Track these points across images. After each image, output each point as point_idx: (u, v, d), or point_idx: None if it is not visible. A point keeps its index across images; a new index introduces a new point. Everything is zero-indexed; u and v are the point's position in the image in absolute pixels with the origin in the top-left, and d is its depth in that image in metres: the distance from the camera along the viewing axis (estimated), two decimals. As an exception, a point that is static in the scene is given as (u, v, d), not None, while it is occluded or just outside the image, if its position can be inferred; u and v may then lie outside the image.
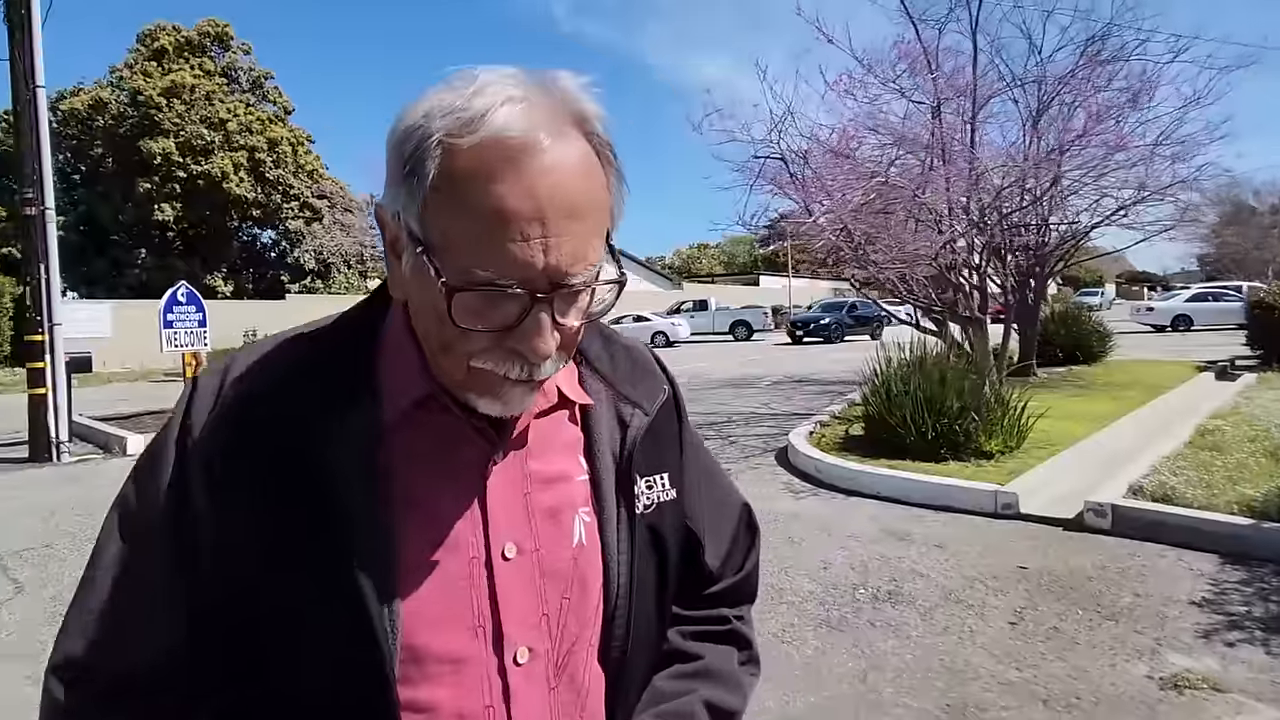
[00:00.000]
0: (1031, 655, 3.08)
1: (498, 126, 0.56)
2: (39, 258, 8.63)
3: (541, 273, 0.57)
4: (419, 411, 0.67)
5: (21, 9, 8.40)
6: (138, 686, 0.65)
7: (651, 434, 0.77)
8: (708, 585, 0.85)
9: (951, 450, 6.00)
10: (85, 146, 25.81)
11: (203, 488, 0.64)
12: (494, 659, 0.67)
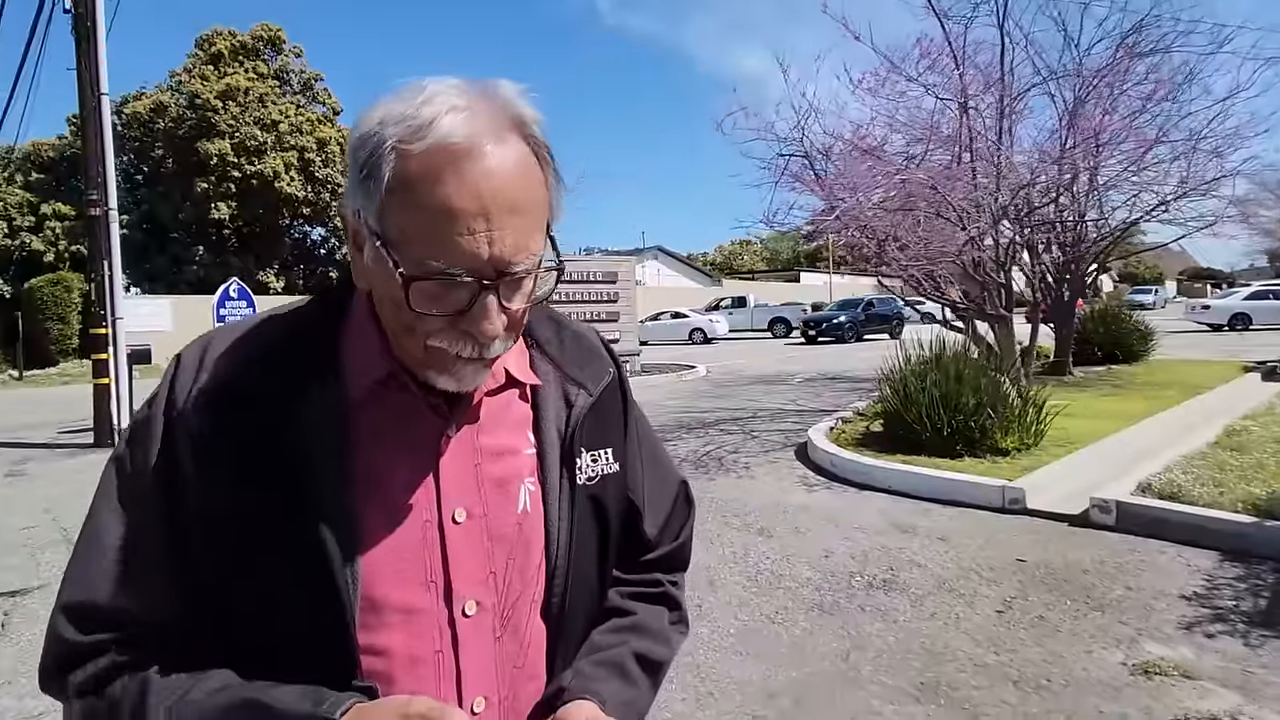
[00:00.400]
0: (1012, 641, 3.19)
1: (443, 133, 0.62)
2: (103, 255, 9.20)
3: (487, 262, 0.64)
4: (380, 389, 0.73)
5: (87, 21, 8.96)
6: (136, 635, 0.70)
7: (596, 412, 0.83)
8: (645, 552, 0.91)
9: (967, 447, 6.05)
10: (147, 148, 27.02)
11: (189, 455, 0.69)
12: (444, 610, 0.73)
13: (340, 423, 0.71)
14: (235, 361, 0.72)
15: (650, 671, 0.86)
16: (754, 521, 5.01)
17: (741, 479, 6.21)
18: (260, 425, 0.69)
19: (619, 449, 0.86)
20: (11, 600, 4.07)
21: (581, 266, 15.06)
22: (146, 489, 0.71)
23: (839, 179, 7.48)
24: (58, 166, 26.34)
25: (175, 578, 0.70)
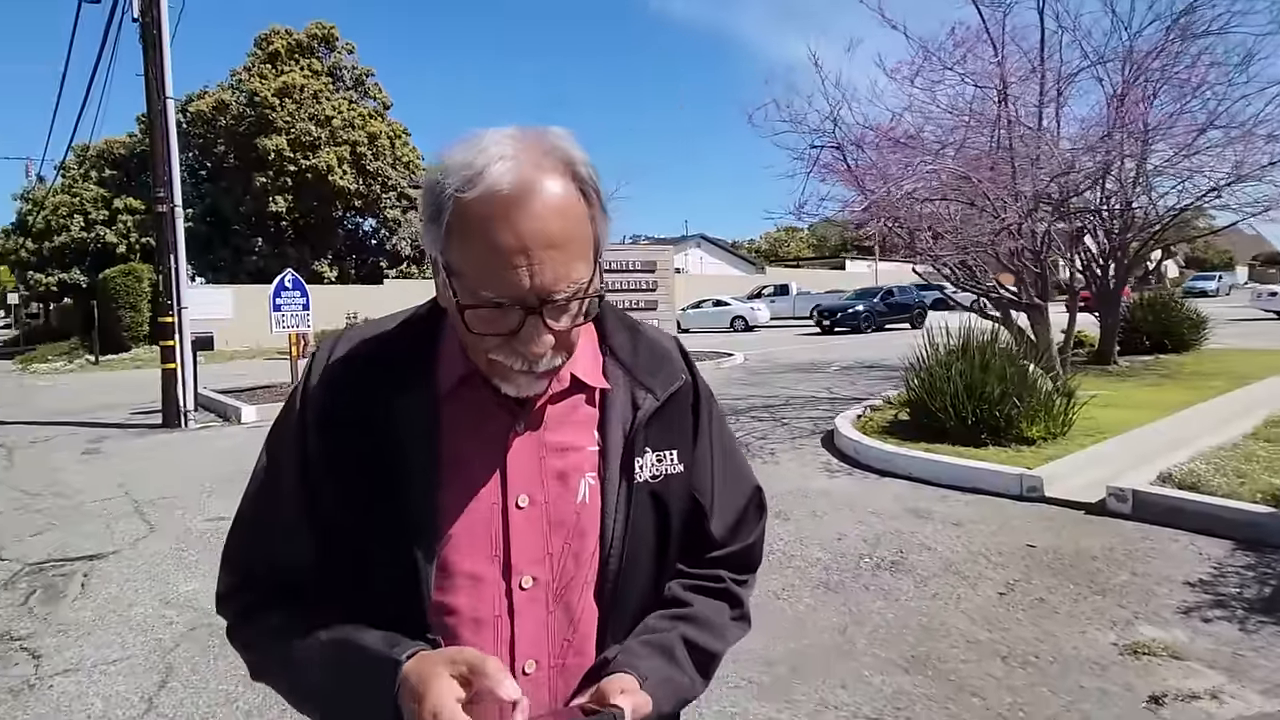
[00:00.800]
0: (1007, 620, 3.31)
1: (491, 181, 0.71)
2: (169, 249, 9.79)
3: (530, 291, 0.72)
4: (461, 388, 0.83)
5: (154, 30, 9.50)
6: (278, 577, 0.86)
7: (663, 415, 0.89)
8: (711, 549, 0.96)
9: (992, 435, 6.09)
10: (210, 145, 28.18)
11: (316, 433, 0.82)
12: (503, 582, 0.82)
13: (430, 412, 0.82)
14: (354, 355, 0.85)
15: (699, 658, 0.90)
16: (773, 505, 5.11)
17: (766, 464, 6.37)
18: (366, 410, 0.81)
19: (685, 451, 0.91)
20: (90, 563, 4.50)
21: (620, 256, 15.21)
22: (289, 453, 0.85)
23: (870, 169, 7.51)
24: (128, 163, 27.68)
25: (304, 530, 0.83)
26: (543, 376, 0.79)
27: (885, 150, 7.63)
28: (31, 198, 28.65)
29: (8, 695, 2.99)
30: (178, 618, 3.66)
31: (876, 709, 2.67)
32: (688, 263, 45.37)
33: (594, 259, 0.78)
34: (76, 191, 26.87)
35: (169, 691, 2.97)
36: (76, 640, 3.47)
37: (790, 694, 2.79)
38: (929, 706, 2.66)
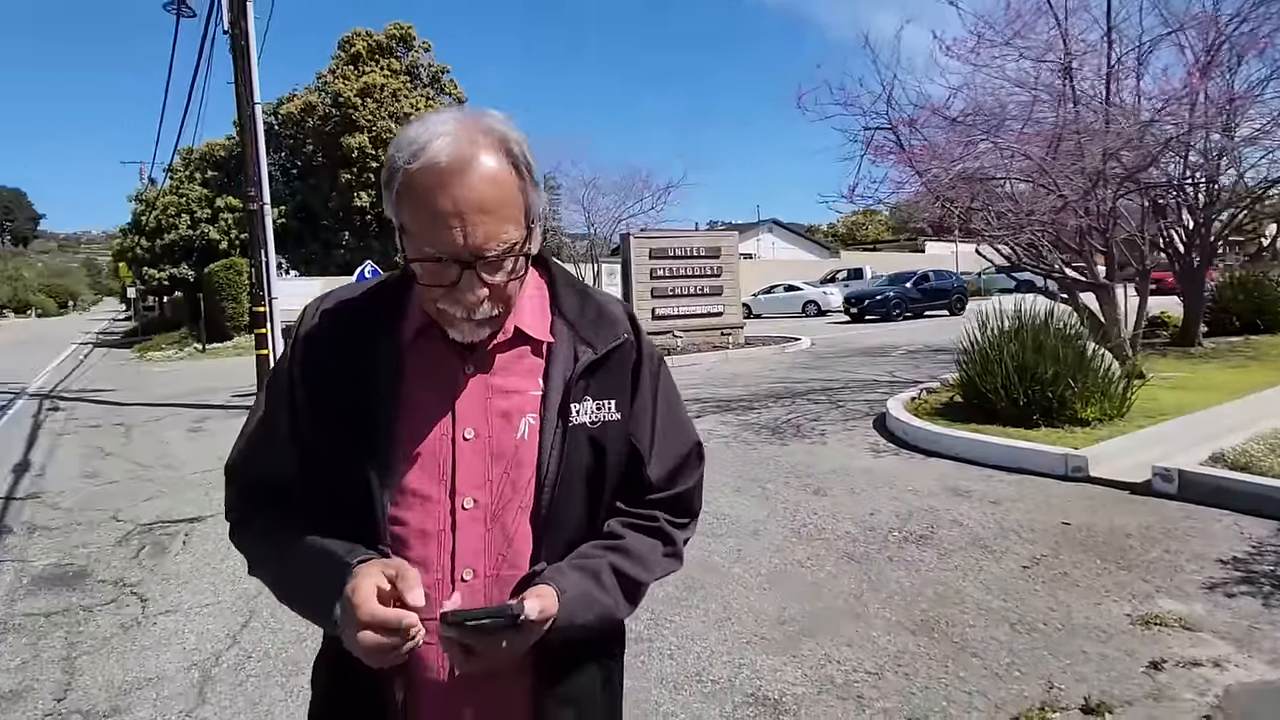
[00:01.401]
0: (1024, 591, 3.38)
1: (431, 155, 0.83)
2: (260, 244, 10.55)
3: (464, 249, 0.84)
4: (420, 338, 0.96)
5: (242, 41, 10.24)
6: (265, 487, 1.01)
7: (602, 369, 0.99)
8: (650, 493, 1.05)
9: (1044, 416, 6.01)
10: (299, 145, 29.77)
11: (300, 368, 0.98)
12: (448, 501, 0.94)
13: (394, 358, 0.95)
14: (333, 311, 1.00)
15: (625, 585, 0.99)
16: (812, 483, 5.30)
17: (814, 445, 6.47)
18: (341, 354, 0.96)
19: (624, 402, 1.01)
20: (191, 525, 5.07)
21: (684, 243, 15.40)
22: (279, 389, 1.01)
23: (924, 150, 7.42)
24: (227, 164, 29.53)
25: (289, 453, 0.98)
26: (482, 324, 0.91)
27: (941, 129, 7.52)
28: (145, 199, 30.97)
29: (119, 629, 3.49)
30: (261, 571, 4.13)
31: (877, 664, 2.82)
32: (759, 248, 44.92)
33: (525, 223, 0.89)
34: (183, 192, 28.89)
35: (250, 630, 3.40)
36: (177, 588, 3.97)
37: (798, 649, 2.97)
38: (928, 664, 2.80)
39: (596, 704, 1.04)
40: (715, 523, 4.50)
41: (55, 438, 8.68)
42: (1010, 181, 7.50)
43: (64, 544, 4.76)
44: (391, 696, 0.94)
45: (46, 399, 12.59)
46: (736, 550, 4.05)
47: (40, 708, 2.81)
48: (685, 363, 13.27)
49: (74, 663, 3.16)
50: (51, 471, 6.89)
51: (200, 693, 2.87)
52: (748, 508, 4.80)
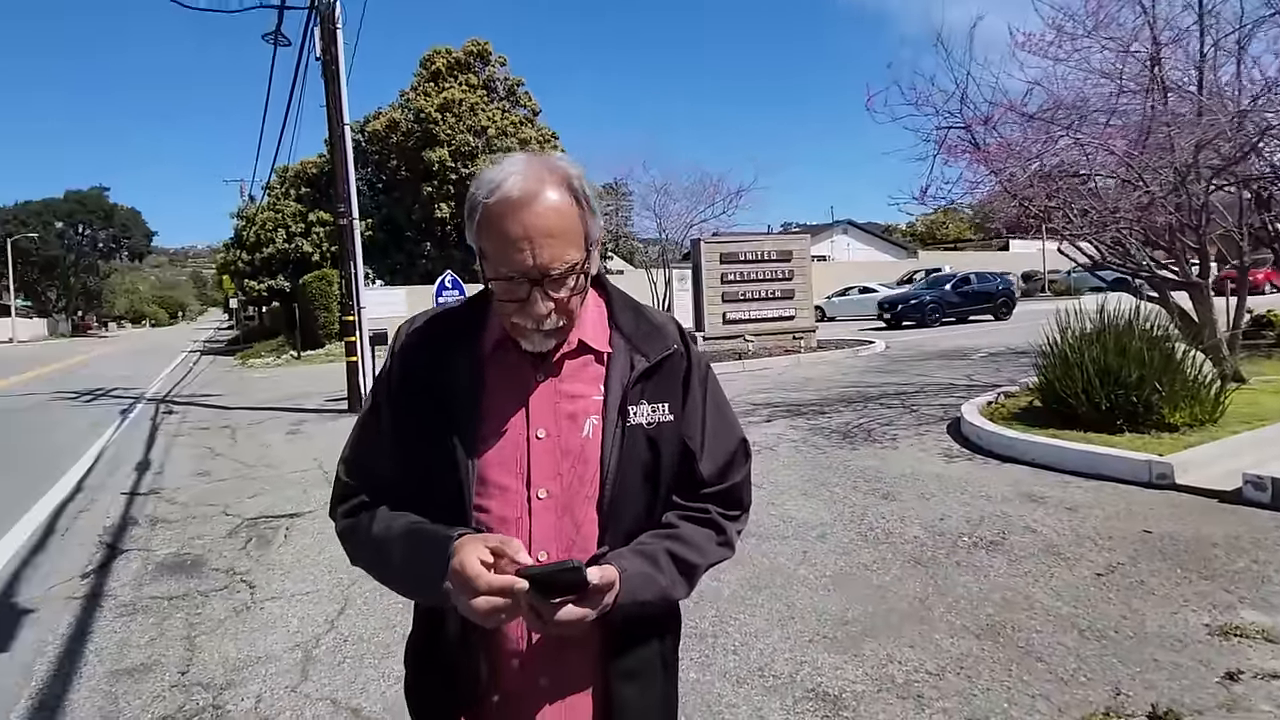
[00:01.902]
0: (1096, 599, 3.33)
1: (505, 190, 0.99)
2: (349, 257, 11.18)
3: (533, 268, 0.99)
4: (498, 350, 1.10)
5: (332, 66, 10.89)
6: (371, 482, 1.15)
7: (655, 375, 1.12)
8: (702, 487, 1.16)
9: (1129, 421, 5.79)
10: (384, 160, 31.21)
11: (397, 380, 1.13)
12: (525, 492, 1.08)
13: (475, 369, 1.10)
14: (423, 329, 1.16)
15: (680, 567, 1.11)
16: (881, 487, 5.29)
17: (884, 449, 6.43)
18: (430, 366, 1.11)
19: (676, 404, 1.14)
20: (291, 520, 5.48)
21: (755, 247, 15.39)
22: (381, 396, 1.16)
23: (1000, 149, 7.24)
24: (319, 181, 31.21)
25: (390, 452, 1.13)
26: (549, 335, 1.05)
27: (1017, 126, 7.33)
28: (245, 215, 33.09)
29: (232, 613, 3.85)
30: (354, 563, 4.45)
31: (939, 666, 2.86)
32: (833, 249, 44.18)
33: (585, 246, 1.04)
34: (279, 208, 30.73)
35: (345, 616, 3.70)
36: (280, 576, 4.33)
37: (859, 649, 3.03)
38: (991, 667, 2.81)
39: (656, 680, 1.17)
40: (782, 525, 4.57)
41: (171, 439, 9.45)
42: (1093, 178, 7.23)
43: (181, 535, 5.24)
44: (476, 667, 1.10)
45: (162, 403, 13.66)
46: (802, 552, 4.12)
47: (167, 679, 3.16)
48: (756, 367, 13.27)
49: (194, 641, 3.52)
50: (169, 470, 7.53)
51: (303, 671, 3.16)
52: (815, 511, 4.84)
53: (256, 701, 2.93)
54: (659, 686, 1.18)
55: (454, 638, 1.10)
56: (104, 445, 9.11)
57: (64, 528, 5.56)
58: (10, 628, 3.75)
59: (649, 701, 1.16)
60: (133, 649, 3.45)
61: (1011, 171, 7.17)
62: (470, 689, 1.10)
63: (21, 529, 5.52)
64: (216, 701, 2.95)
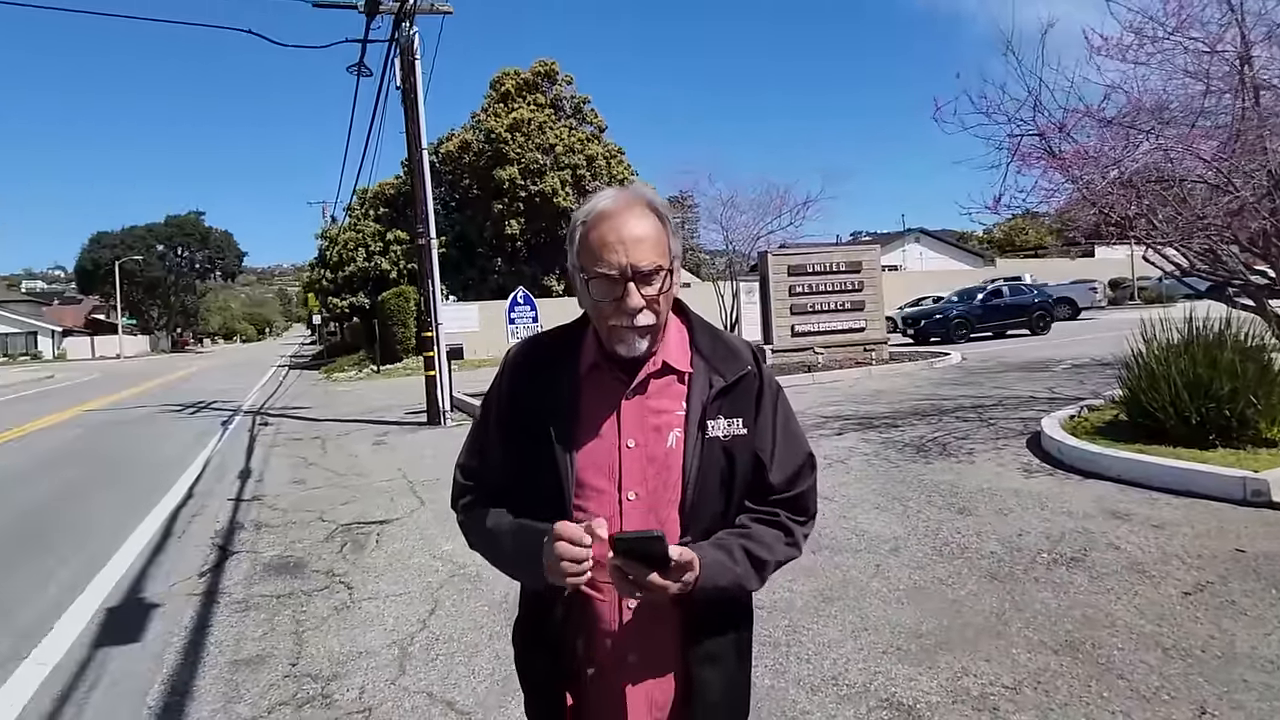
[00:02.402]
0: (1183, 618, 3.26)
1: (600, 208, 1.20)
2: (427, 275, 11.70)
3: (625, 264, 1.16)
4: (593, 371, 1.27)
5: (411, 95, 11.46)
6: (485, 482, 1.35)
7: (730, 394, 1.27)
8: (772, 494, 1.31)
9: (1222, 436, 5.57)
10: (457, 179, 32.32)
11: (506, 396, 1.32)
12: (617, 494, 1.23)
13: (573, 386, 1.27)
14: (528, 353, 1.35)
15: (753, 561, 1.25)
16: (957, 501, 5.24)
17: (960, 463, 6.35)
18: (534, 383, 1.29)
19: (749, 419, 1.28)
20: (380, 526, 5.81)
21: (823, 258, 15.28)
22: (490, 409, 1.36)
23: (1077, 155, 7.06)
24: (396, 201, 32.58)
25: (500, 458, 1.32)
26: (644, 335, 1.20)
27: (1094, 131, 7.13)
28: (328, 235, 34.77)
29: (333, 611, 4.14)
30: (442, 568, 4.71)
31: (1015, 680, 2.87)
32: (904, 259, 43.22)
33: (668, 256, 1.22)
34: (359, 228, 32.18)
35: (436, 616, 3.94)
36: (375, 579, 4.62)
37: (934, 661, 3.07)
38: (1069, 682, 2.81)
39: (731, 665, 1.33)
40: (854, 538, 4.61)
41: (268, 449, 10.07)
42: (1178, 183, 6.97)
43: (283, 539, 5.63)
44: (574, 644, 1.27)
45: (257, 415, 14.51)
46: (875, 565, 4.15)
47: (280, 670, 3.45)
48: (826, 379, 13.16)
49: (301, 636, 3.82)
50: (268, 478, 8.05)
51: (400, 666, 3.40)
52: (888, 524, 4.85)
53: (360, 693, 3.18)
54: (734, 672, 1.33)
55: (557, 618, 1.27)
56: (209, 455, 9.79)
57: (180, 531, 6.04)
58: (141, 620, 4.15)
59: (725, 684, 1.31)
60: (248, 642, 3.77)
61: (1090, 178, 6.98)
62: (569, 662, 1.28)
63: (143, 531, 6.04)
64: (325, 691, 3.21)
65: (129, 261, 65.94)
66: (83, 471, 9.08)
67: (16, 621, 4.22)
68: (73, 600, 4.50)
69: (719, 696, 1.30)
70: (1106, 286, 33.95)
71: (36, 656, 3.72)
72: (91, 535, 6.01)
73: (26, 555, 5.59)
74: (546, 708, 1.33)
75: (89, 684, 3.40)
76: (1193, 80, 7.42)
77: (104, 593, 4.63)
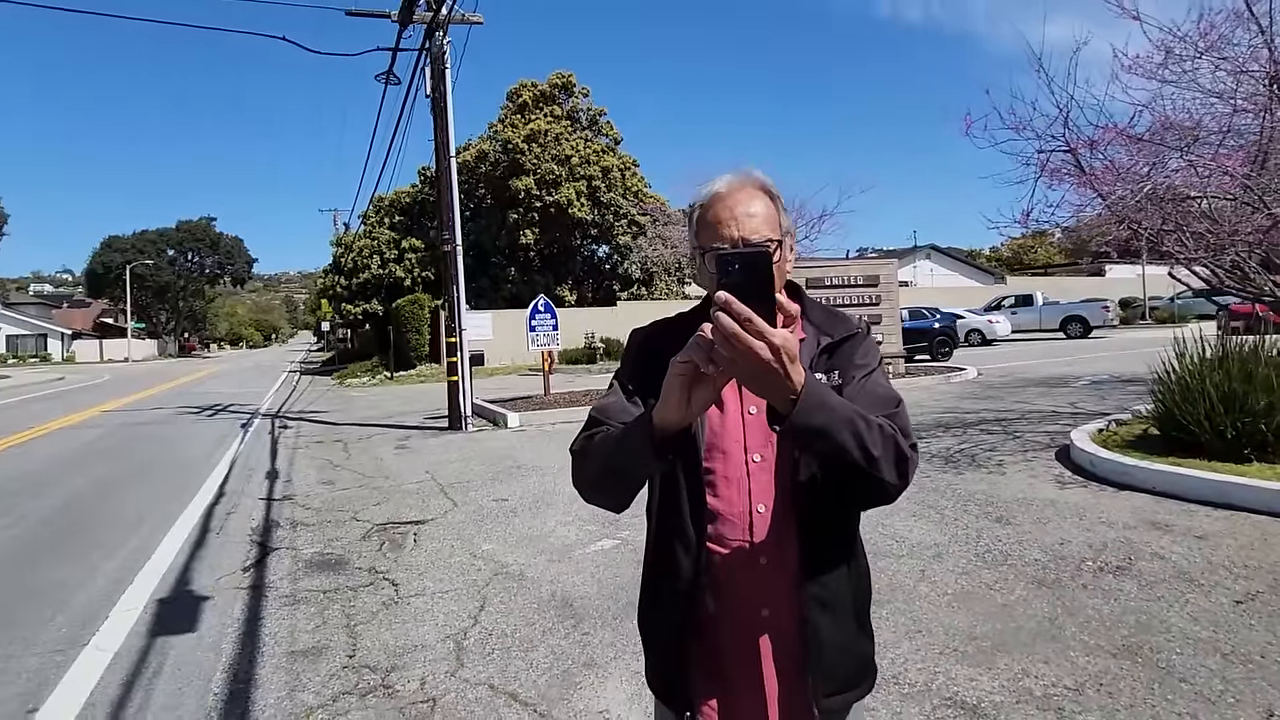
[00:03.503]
0: (1238, 625, 3.28)
1: (713, 190, 1.28)
2: (452, 281, 11.79)
3: (739, 239, 1.23)
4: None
5: (441, 103, 11.61)
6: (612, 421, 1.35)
7: (836, 350, 1.33)
8: None
9: (1258, 451, 5.59)
10: (473, 189, 32.53)
11: (634, 369, 1.38)
12: (743, 456, 1.30)
13: None
14: (652, 335, 1.42)
15: (852, 429, 1.12)
16: (994, 510, 5.27)
17: (991, 474, 6.37)
18: (662, 355, 1.26)
19: (846, 373, 1.32)
20: (416, 526, 5.86)
21: (840, 272, 15.36)
22: (621, 378, 1.42)
23: (1107, 171, 7.13)
24: (412, 209, 32.83)
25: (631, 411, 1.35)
26: None
27: (1124, 148, 7.20)
28: (343, 242, 35.00)
29: (382, 606, 4.18)
30: (484, 566, 4.76)
31: (1077, 682, 2.89)
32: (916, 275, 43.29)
33: (779, 231, 1.27)
34: (375, 235, 32.39)
35: (486, 612, 3.98)
36: (418, 576, 4.66)
37: (992, 663, 3.09)
38: (1132, 684, 2.84)
39: (849, 614, 1.34)
40: (895, 544, 4.64)
41: (291, 451, 10.13)
42: (1208, 200, 7.03)
43: (321, 537, 5.67)
44: (705, 602, 1.32)
45: (275, 418, 14.59)
46: (920, 571, 4.18)
47: (338, 661, 3.49)
48: (844, 392, 13.18)
49: (354, 629, 3.86)
50: (296, 479, 8.11)
51: (458, 658, 3.44)
52: (927, 532, 4.88)
53: (421, 683, 3.22)
54: (849, 623, 1.33)
55: (686, 575, 1.31)
56: (234, 456, 9.85)
57: (217, 527, 6.10)
58: (195, 611, 4.19)
59: (842, 635, 1.32)
60: (302, 634, 3.81)
61: (1120, 194, 7.04)
62: (697, 617, 1.32)
63: (181, 527, 6.10)
64: (385, 682, 3.25)
65: (139, 266, 66.43)
66: (112, 470, 9.15)
67: (72, 610, 4.28)
68: (122, 591, 4.56)
69: (837, 642, 1.31)
70: (1117, 305, 33.95)
71: (97, 643, 3.77)
72: (131, 530, 6.07)
73: (71, 547, 5.65)
74: (673, 664, 1.38)
75: (152, 670, 3.44)
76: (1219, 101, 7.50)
77: (152, 585, 4.68)
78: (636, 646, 1.35)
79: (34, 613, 4.26)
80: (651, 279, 34.10)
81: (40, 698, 3.24)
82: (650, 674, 1.46)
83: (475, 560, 4.90)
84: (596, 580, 4.37)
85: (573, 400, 12.90)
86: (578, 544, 5.04)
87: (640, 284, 34.14)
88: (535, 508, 6.16)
